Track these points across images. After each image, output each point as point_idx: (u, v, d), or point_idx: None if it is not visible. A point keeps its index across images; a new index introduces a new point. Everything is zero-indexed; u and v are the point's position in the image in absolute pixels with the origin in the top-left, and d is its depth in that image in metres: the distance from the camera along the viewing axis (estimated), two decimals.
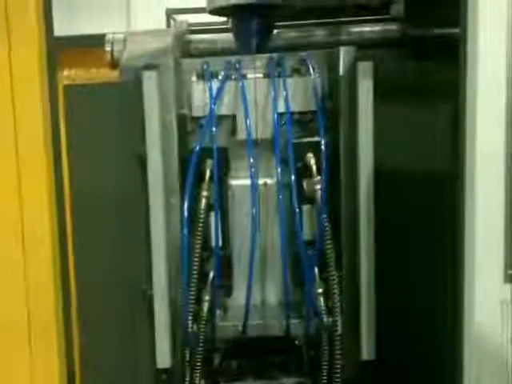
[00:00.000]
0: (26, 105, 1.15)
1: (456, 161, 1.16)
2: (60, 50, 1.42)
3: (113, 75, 1.52)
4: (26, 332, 1.22)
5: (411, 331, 1.42)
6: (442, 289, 1.28)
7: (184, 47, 1.62)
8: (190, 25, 1.72)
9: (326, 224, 1.45)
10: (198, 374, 1.49)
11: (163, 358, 1.46)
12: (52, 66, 1.20)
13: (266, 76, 1.51)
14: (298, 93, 1.50)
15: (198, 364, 1.49)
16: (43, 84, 1.16)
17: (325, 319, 1.48)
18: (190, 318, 1.47)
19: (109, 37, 1.59)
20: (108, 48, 1.58)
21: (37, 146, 1.15)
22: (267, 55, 1.52)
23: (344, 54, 1.43)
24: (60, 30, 1.41)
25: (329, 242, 1.45)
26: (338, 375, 1.47)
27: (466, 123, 1.10)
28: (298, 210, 1.44)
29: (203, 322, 1.47)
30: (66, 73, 1.44)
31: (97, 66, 1.47)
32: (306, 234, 1.49)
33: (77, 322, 1.46)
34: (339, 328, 1.47)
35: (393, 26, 1.61)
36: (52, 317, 1.22)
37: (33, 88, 1.14)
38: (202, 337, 1.47)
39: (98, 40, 1.61)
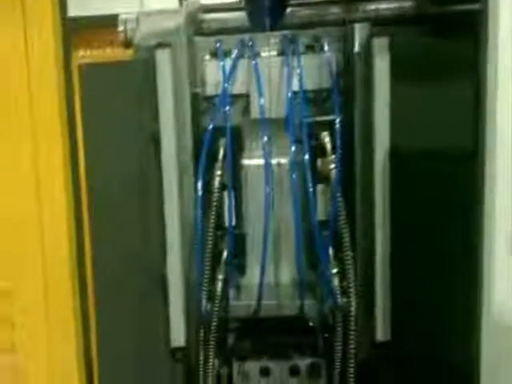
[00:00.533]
0: (42, 85, 1.15)
1: (476, 140, 1.14)
2: (75, 31, 1.41)
3: (127, 55, 1.51)
4: (43, 316, 1.23)
5: (426, 313, 1.41)
6: (460, 271, 1.27)
7: (196, 26, 1.60)
8: (201, 4, 1.71)
9: (341, 204, 1.43)
10: (211, 353, 1.50)
11: (178, 337, 1.47)
12: (67, 46, 1.19)
13: (280, 54, 1.49)
14: (312, 70, 1.48)
15: (212, 343, 1.49)
16: (58, 63, 1.15)
17: (339, 300, 1.47)
18: (204, 296, 1.47)
19: (122, 17, 1.58)
20: (121, 28, 1.59)
21: (52, 125, 1.15)
22: (281, 33, 1.50)
23: (359, 31, 1.41)
24: (75, 10, 1.40)
25: (343, 222, 1.43)
26: (353, 356, 1.46)
27: (487, 101, 1.08)
28: (311, 189, 1.43)
29: (217, 301, 1.47)
30: (81, 53, 1.43)
31: (111, 46, 1.46)
32: (320, 213, 1.48)
33: (92, 302, 1.47)
34: (354, 309, 1.46)
35: (409, 3, 1.58)
36: (69, 298, 1.23)
37: (48, 68, 1.14)
38: (215, 316, 1.47)
39: (112, 20, 1.61)
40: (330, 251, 1.48)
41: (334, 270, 1.49)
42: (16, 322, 1.26)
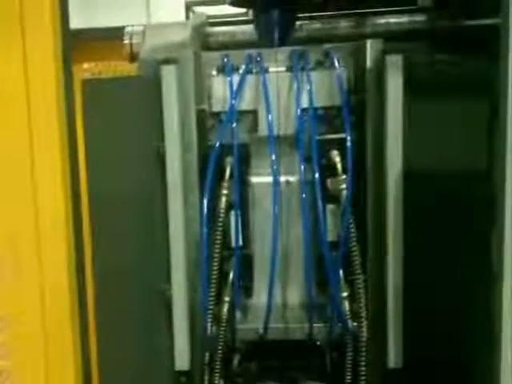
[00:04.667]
0: (42, 101, 1.11)
1: (492, 158, 1.10)
2: (79, 43, 1.38)
3: (132, 68, 1.48)
4: (41, 334, 1.18)
5: (442, 338, 1.37)
6: (476, 294, 1.22)
7: (203, 40, 1.57)
8: (208, 17, 1.68)
9: (352, 225, 1.39)
10: (217, 377, 1.45)
11: (182, 359, 1.42)
12: (67, 61, 1.15)
13: (289, 69, 1.45)
14: (322, 87, 1.44)
15: (218, 366, 1.44)
16: (59, 79, 1.12)
17: (349, 324, 1.42)
18: (210, 319, 1.43)
19: (128, 29, 1.56)
20: (127, 41, 1.56)
21: (52, 142, 1.11)
22: (289, 48, 1.46)
23: (371, 47, 1.36)
24: (80, 22, 1.37)
25: (354, 243, 1.39)
26: (363, 383, 1.42)
27: (507, 117, 1.03)
28: (321, 209, 1.38)
29: (223, 324, 1.43)
30: (85, 66, 1.39)
31: (116, 59, 1.42)
32: (330, 234, 1.43)
33: (94, 322, 1.42)
34: (364, 334, 1.41)
35: (421, 17, 1.54)
36: (67, 318, 1.19)
37: (48, 84, 1.10)
38: (221, 339, 1.43)
39: (117, 32, 1.58)
40: (341, 273, 1.44)
41: (345, 294, 1.44)
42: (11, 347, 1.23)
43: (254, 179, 1.49)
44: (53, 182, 1.15)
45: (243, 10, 1.65)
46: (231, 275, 1.44)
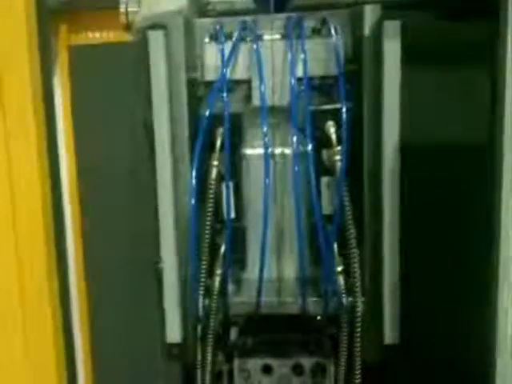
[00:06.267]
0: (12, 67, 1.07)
1: (492, 130, 1.05)
2: (69, 12, 1.35)
3: (128, 38, 1.45)
4: (18, 304, 1.17)
5: (439, 315, 1.34)
6: (475, 267, 1.18)
7: (201, 8, 1.53)
8: None
9: (346, 198, 1.35)
10: (210, 349, 1.44)
11: (173, 332, 1.41)
12: (46, 26, 1.12)
13: (284, 37, 1.40)
14: (318, 56, 1.39)
15: (210, 339, 1.43)
16: (32, 50, 1.08)
17: (344, 299, 1.39)
18: (202, 292, 1.41)
19: None
20: (122, 9, 1.53)
21: (25, 111, 1.07)
22: (286, 15, 1.41)
23: (369, 13, 1.30)
24: None
25: (349, 216, 1.35)
26: (359, 358, 1.39)
27: (505, 88, 0.99)
28: (315, 181, 1.34)
29: (215, 297, 1.41)
30: (82, 35, 1.37)
31: (111, 29, 1.39)
32: (325, 207, 1.39)
33: (86, 296, 1.42)
34: (360, 309, 1.38)
35: None
36: (45, 291, 1.17)
37: (19, 50, 1.06)
38: (213, 312, 1.41)
39: (113, 1, 1.55)
40: (335, 248, 1.41)
41: (339, 268, 1.41)
42: None
43: (247, 151, 1.46)
44: (30, 157, 1.12)
45: None
46: (223, 248, 1.42)
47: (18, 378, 1.22)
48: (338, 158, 1.35)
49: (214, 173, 1.37)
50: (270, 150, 1.38)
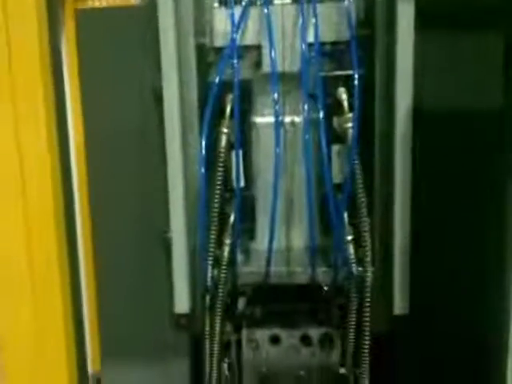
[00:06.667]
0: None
1: (507, 97, 1.04)
2: None
3: (134, 1, 1.42)
4: (28, 279, 1.16)
5: (449, 286, 1.32)
6: (488, 238, 1.17)
7: None
8: None
9: (357, 166, 1.33)
10: (218, 320, 1.43)
11: (181, 302, 1.40)
12: None
13: (295, 1, 1.37)
14: (329, 20, 1.36)
15: (219, 309, 1.42)
16: (40, 11, 1.05)
17: (354, 269, 1.38)
18: (210, 262, 1.40)
19: None
20: None
21: (33, 78, 1.04)
22: None
23: None
24: None
25: (360, 185, 1.33)
26: (368, 329, 1.38)
27: None
28: (326, 149, 1.32)
29: (224, 267, 1.40)
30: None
31: None
32: (335, 176, 1.38)
33: (94, 265, 1.41)
34: (370, 279, 1.37)
35: None
36: (54, 259, 1.16)
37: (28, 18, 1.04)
38: (222, 282, 1.40)
39: None
40: (345, 216, 1.39)
41: (349, 237, 1.40)
42: None
43: (257, 119, 1.43)
44: (38, 128, 1.09)
45: None
46: (232, 217, 1.41)
47: (26, 345, 1.22)
48: (349, 125, 1.33)
49: (223, 140, 1.36)
50: (280, 118, 1.37)
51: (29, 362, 1.23)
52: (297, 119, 1.44)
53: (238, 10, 1.36)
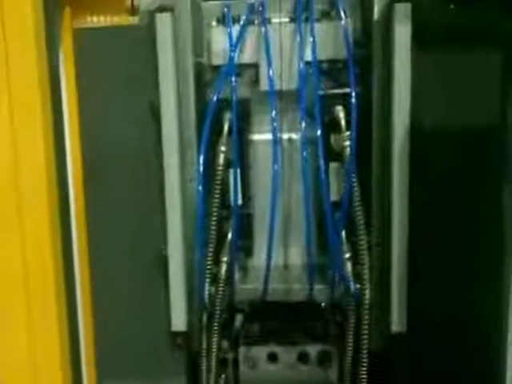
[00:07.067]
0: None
1: (504, 114, 1.04)
2: None
3: (132, 21, 1.43)
4: (22, 289, 1.15)
5: (446, 304, 1.32)
6: (486, 259, 1.17)
7: None
8: None
9: (355, 184, 1.33)
10: (215, 337, 1.43)
11: (178, 320, 1.39)
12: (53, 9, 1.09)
13: (292, 20, 1.38)
14: (327, 39, 1.37)
15: (216, 327, 1.42)
16: (38, 30, 1.05)
17: (352, 286, 1.38)
18: (208, 279, 1.40)
19: None
20: None
21: (31, 96, 1.04)
22: None
23: None
24: None
25: (357, 202, 1.34)
26: (366, 346, 1.38)
27: None
28: (324, 167, 1.33)
29: (221, 285, 1.39)
30: (88, 19, 1.34)
31: (116, 12, 1.37)
32: (333, 194, 1.38)
33: (91, 282, 1.40)
34: (367, 296, 1.37)
35: None
36: (50, 275, 1.15)
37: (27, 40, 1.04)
38: (219, 299, 1.40)
39: None
40: (343, 234, 1.39)
41: (347, 255, 1.40)
42: None
43: (255, 136, 1.44)
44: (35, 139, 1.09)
45: None
46: (230, 235, 1.41)
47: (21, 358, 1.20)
48: (347, 143, 1.34)
49: (221, 158, 1.36)
50: (277, 135, 1.37)
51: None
52: (294, 136, 1.45)
53: (235, 29, 1.37)
